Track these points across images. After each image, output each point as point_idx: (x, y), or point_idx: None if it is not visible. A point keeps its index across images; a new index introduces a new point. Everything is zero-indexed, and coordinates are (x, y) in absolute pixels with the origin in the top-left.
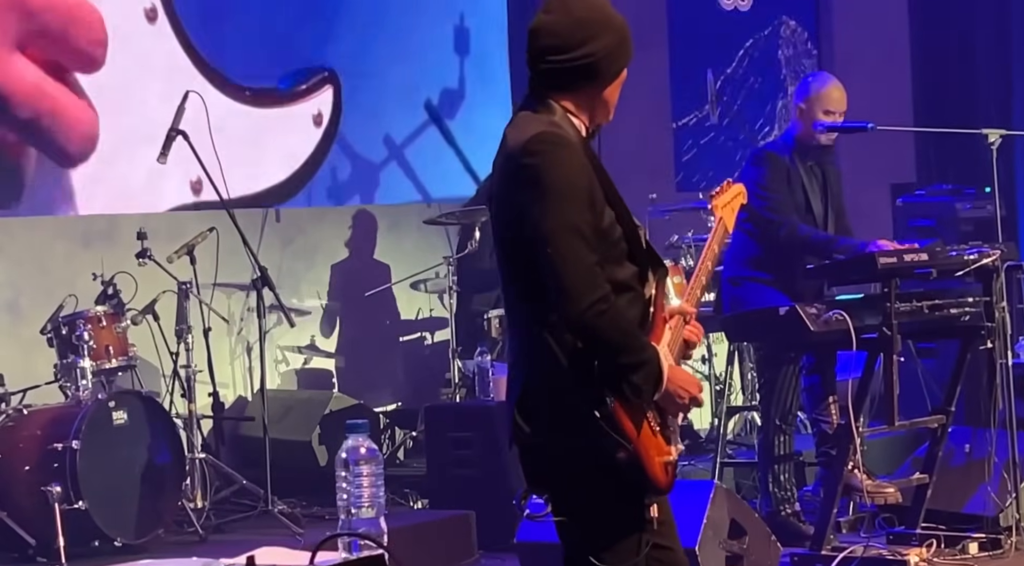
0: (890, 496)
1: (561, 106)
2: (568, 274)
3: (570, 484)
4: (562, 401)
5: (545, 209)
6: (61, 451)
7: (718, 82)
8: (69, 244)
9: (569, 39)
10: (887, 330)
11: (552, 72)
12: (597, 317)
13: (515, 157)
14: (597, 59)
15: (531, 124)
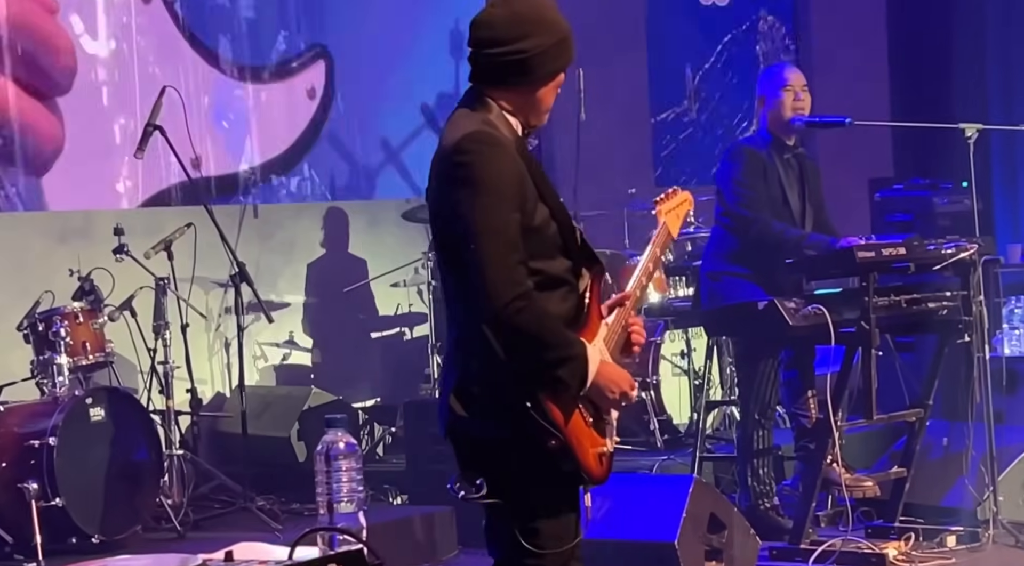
0: (868, 490)
1: (498, 104)
2: (488, 272)
3: (504, 471)
4: (496, 391)
5: (472, 207)
6: (38, 448)
7: (696, 77)
8: (45, 240)
9: (505, 33)
10: (865, 324)
11: (487, 65)
12: (515, 314)
13: (447, 156)
14: (530, 56)
15: (465, 122)
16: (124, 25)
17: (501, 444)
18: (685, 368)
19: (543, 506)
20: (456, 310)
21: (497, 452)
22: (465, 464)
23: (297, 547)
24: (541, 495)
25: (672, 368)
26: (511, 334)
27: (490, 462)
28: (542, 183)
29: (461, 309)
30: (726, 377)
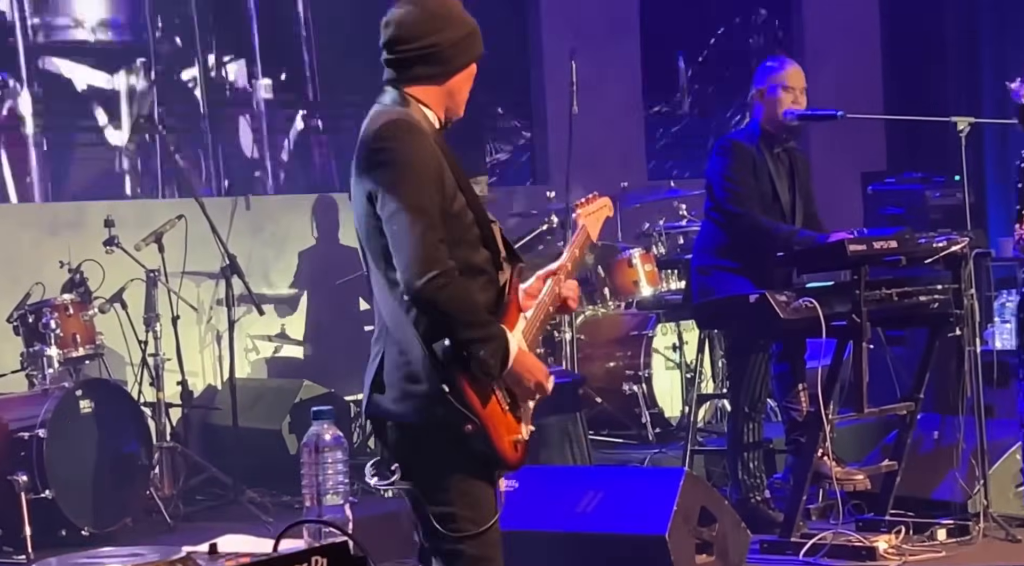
0: (859, 483)
1: (414, 99)
2: (411, 249)
3: (421, 456)
4: (414, 376)
5: (393, 189)
6: (27, 440)
7: (689, 71)
8: (36, 232)
9: (415, 30)
10: (856, 317)
11: (400, 62)
12: (437, 290)
13: (367, 143)
14: (441, 49)
15: (384, 115)
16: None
17: (418, 429)
18: (677, 361)
19: (459, 491)
20: (381, 299)
21: (414, 437)
22: (383, 450)
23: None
24: (457, 480)
25: (664, 361)
26: (433, 310)
27: (407, 447)
28: (460, 176)
29: (384, 297)
30: (718, 370)
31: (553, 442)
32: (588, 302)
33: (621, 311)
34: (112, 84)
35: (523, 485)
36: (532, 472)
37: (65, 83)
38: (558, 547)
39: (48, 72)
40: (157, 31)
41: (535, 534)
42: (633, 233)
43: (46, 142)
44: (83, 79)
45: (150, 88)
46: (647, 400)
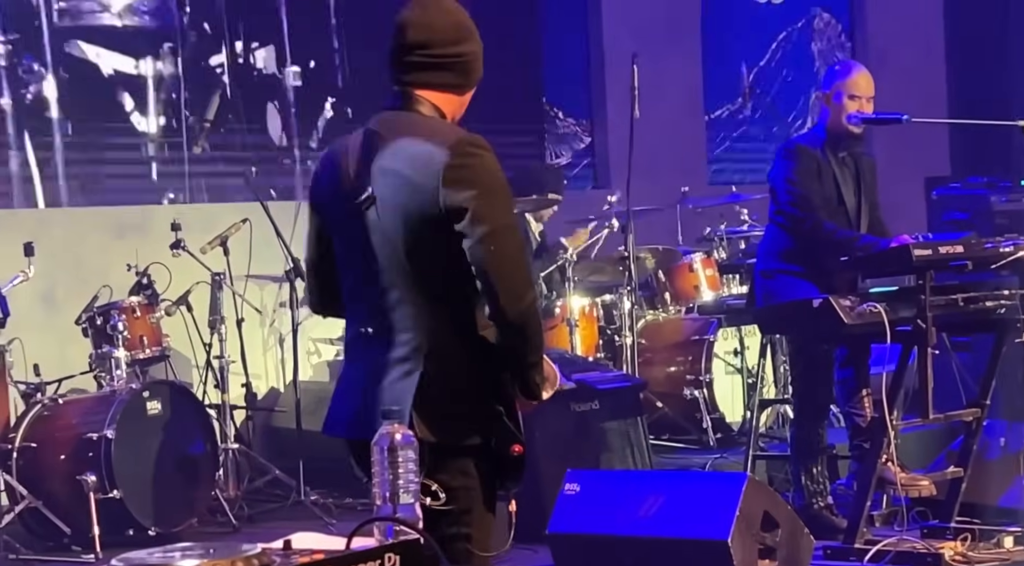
0: (924, 489)
1: (433, 106)
2: (511, 271)
3: (452, 475)
4: (460, 396)
5: (490, 208)
6: (96, 441)
7: (751, 75)
8: (103, 235)
9: (445, 36)
10: (922, 323)
11: (424, 65)
12: (533, 314)
13: (439, 157)
14: (469, 60)
15: (439, 125)
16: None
17: (454, 450)
18: (738, 366)
19: (479, 514)
20: (417, 317)
21: (449, 458)
22: (427, 473)
23: (354, 538)
24: (481, 502)
25: (725, 366)
26: (523, 332)
27: (454, 469)
28: None
29: (423, 315)
30: (779, 375)
31: (614, 447)
32: (649, 307)
33: (682, 316)
34: (139, 70)
35: (584, 489)
36: (593, 476)
37: (91, 68)
38: (619, 551)
39: (74, 57)
40: (185, 16)
41: (596, 538)
42: (694, 237)
43: (71, 127)
44: (109, 64)
45: (177, 74)
46: (708, 405)
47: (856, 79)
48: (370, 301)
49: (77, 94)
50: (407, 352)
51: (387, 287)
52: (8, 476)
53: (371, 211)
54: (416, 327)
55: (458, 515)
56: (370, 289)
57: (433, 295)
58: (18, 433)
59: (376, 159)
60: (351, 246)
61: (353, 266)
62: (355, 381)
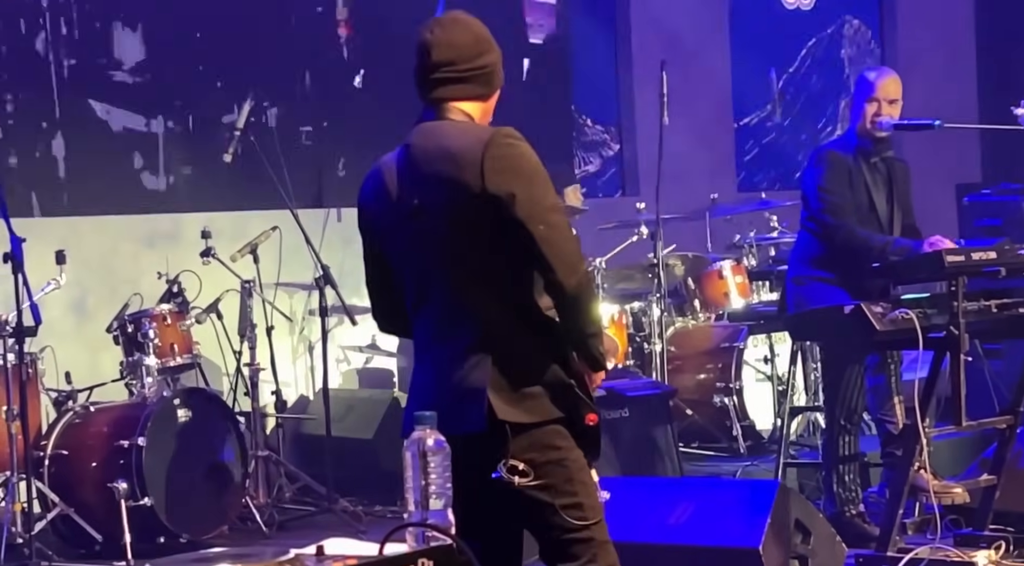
0: (957, 497)
1: (466, 114)
2: (565, 247)
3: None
4: (528, 377)
5: (535, 190)
6: (127, 448)
7: (780, 81)
8: (134, 243)
9: (468, 50)
10: (954, 329)
11: (452, 80)
12: (588, 286)
13: (477, 151)
14: (492, 69)
15: (471, 126)
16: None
17: (538, 427)
18: (768, 373)
19: (580, 481)
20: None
21: (536, 436)
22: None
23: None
24: (577, 471)
25: (755, 373)
26: (584, 303)
27: (542, 445)
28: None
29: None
30: (810, 382)
31: (644, 454)
32: (678, 314)
33: (712, 323)
34: (149, 128)
35: (614, 496)
36: (623, 483)
37: (100, 125)
38: (650, 558)
39: (83, 115)
40: (198, 73)
41: (626, 545)
42: (724, 245)
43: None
44: (119, 122)
45: (187, 133)
46: (738, 412)
47: (885, 82)
48: (433, 305)
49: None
50: (474, 344)
51: (447, 288)
52: (40, 483)
53: (419, 220)
54: (480, 321)
55: (562, 486)
56: (431, 294)
57: (491, 286)
58: (50, 441)
59: (417, 170)
60: (406, 257)
61: (412, 276)
62: (426, 382)
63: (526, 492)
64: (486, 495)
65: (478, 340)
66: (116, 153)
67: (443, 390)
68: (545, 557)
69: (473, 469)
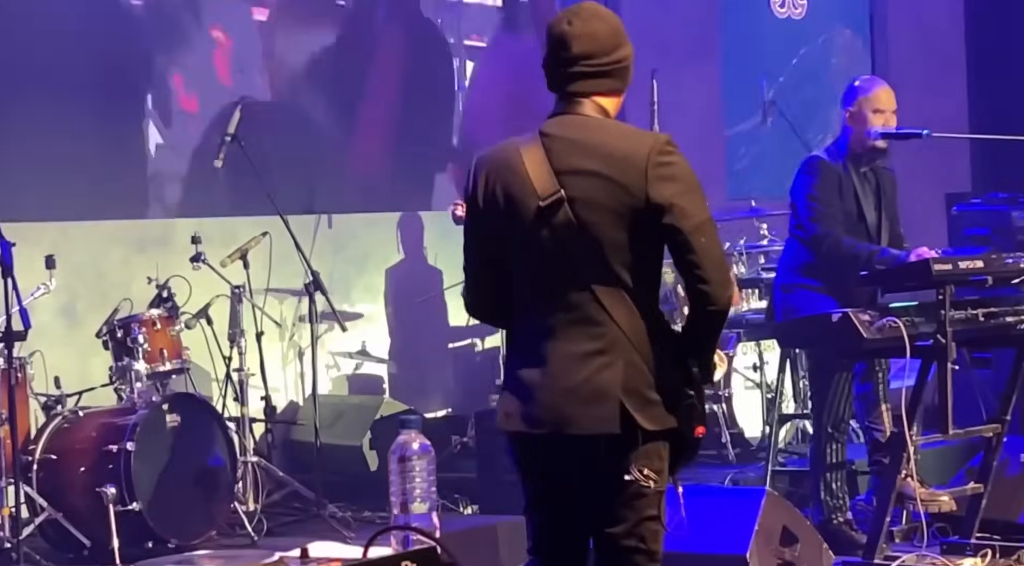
0: (944, 505)
1: (604, 110)
2: (720, 262)
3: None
4: (655, 384)
5: (695, 202)
6: (116, 453)
7: (771, 90)
8: (124, 248)
9: (607, 43)
10: (941, 338)
11: (592, 74)
12: (731, 303)
13: (641, 156)
14: (628, 63)
15: (627, 128)
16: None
17: (659, 437)
18: (757, 381)
19: (663, 495)
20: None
21: (656, 446)
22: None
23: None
24: (665, 486)
25: (744, 381)
26: (720, 323)
27: (654, 454)
28: None
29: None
30: (799, 390)
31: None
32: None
33: None
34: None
35: None
36: None
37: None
38: None
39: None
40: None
41: None
42: None
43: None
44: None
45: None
46: (727, 420)
47: (878, 93)
48: (558, 298)
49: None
50: (605, 344)
51: (580, 282)
52: (28, 488)
53: (562, 211)
54: (612, 319)
55: (654, 497)
56: (558, 286)
57: (627, 287)
58: (38, 445)
59: (561, 161)
60: (533, 247)
61: (534, 266)
62: (540, 376)
63: (634, 499)
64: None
65: (609, 340)
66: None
67: (565, 388)
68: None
69: (588, 470)
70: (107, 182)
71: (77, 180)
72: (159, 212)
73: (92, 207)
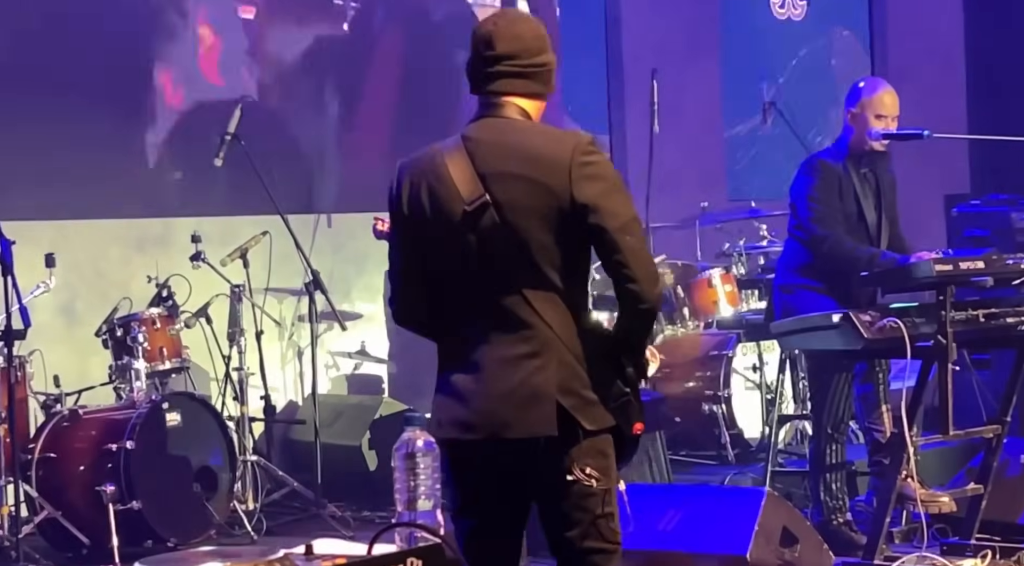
0: (944, 506)
1: (526, 112)
2: (647, 260)
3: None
4: (589, 383)
5: (620, 201)
6: (115, 452)
7: (771, 92)
8: (124, 247)
9: (534, 45)
10: (942, 338)
11: (517, 74)
12: (661, 300)
13: (564, 157)
14: (552, 67)
15: (550, 128)
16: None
17: (601, 434)
18: (757, 382)
19: (614, 493)
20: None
21: (599, 443)
22: (579, 457)
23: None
24: (614, 481)
25: (744, 382)
26: (654, 315)
27: (598, 452)
28: None
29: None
30: (798, 391)
31: (632, 461)
32: (668, 322)
33: (700, 331)
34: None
35: None
36: None
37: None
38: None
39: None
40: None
41: None
42: (713, 253)
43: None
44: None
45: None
46: (727, 421)
47: (883, 97)
48: (488, 302)
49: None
50: (537, 346)
51: (509, 286)
52: (28, 487)
53: (487, 215)
54: (543, 321)
55: (603, 495)
56: (488, 291)
57: (557, 289)
58: (38, 444)
59: (486, 165)
60: (459, 252)
61: (463, 272)
62: (473, 382)
63: (579, 499)
64: (526, 500)
65: (541, 343)
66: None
67: (499, 393)
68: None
69: (528, 473)
70: (107, 181)
71: (77, 179)
72: (159, 211)
73: (92, 206)
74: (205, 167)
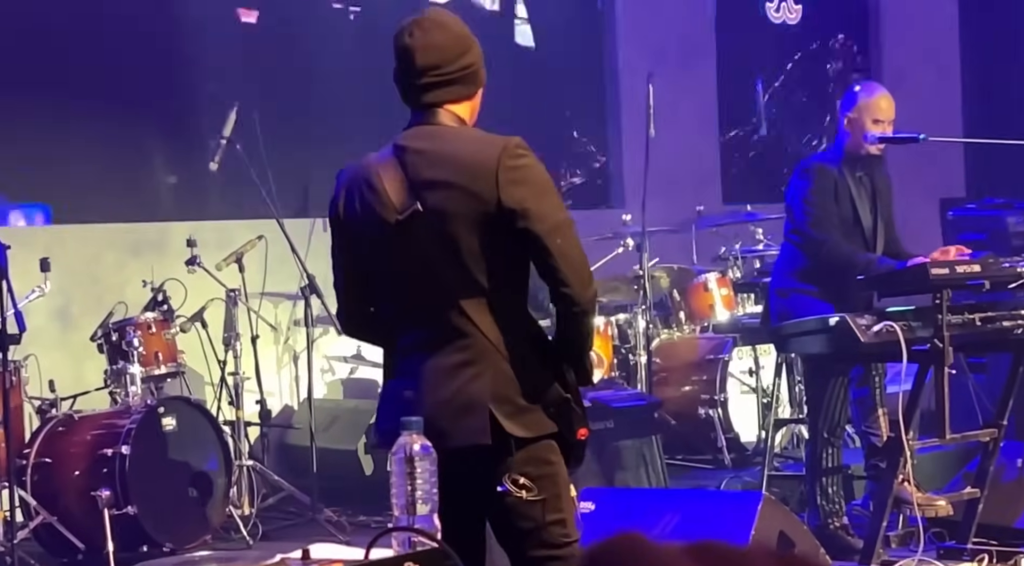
0: (941, 509)
1: (458, 117)
2: (580, 261)
3: (540, 466)
4: (528, 391)
5: (550, 204)
6: (111, 456)
7: (766, 95)
8: (119, 252)
9: (450, 52)
10: (939, 342)
11: (439, 83)
12: (595, 302)
13: (491, 161)
14: (476, 67)
15: (480, 134)
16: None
17: (541, 441)
18: (753, 385)
19: (566, 498)
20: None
21: (539, 450)
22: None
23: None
24: (563, 486)
25: (740, 385)
26: (590, 319)
27: (538, 460)
28: None
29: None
30: (795, 395)
31: (628, 465)
32: (664, 326)
33: (697, 335)
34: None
35: (599, 507)
36: (608, 493)
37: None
38: None
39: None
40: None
41: None
42: (709, 257)
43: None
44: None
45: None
46: (723, 424)
47: (879, 101)
48: (424, 312)
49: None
50: (473, 354)
51: (444, 295)
52: (23, 492)
53: (418, 225)
54: (478, 329)
55: (551, 502)
56: (423, 300)
57: (492, 297)
58: (33, 449)
59: (417, 174)
60: (396, 261)
61: (399, 281)
62: (411, 393)
63: (518, 508)
64: (474, 509)
65: (477, 351)
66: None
67: (436, 402)
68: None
69: (469, 483)
70: (102, 185)
71: (72, 183)
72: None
73: (87, 210)
74: (200, 171)
